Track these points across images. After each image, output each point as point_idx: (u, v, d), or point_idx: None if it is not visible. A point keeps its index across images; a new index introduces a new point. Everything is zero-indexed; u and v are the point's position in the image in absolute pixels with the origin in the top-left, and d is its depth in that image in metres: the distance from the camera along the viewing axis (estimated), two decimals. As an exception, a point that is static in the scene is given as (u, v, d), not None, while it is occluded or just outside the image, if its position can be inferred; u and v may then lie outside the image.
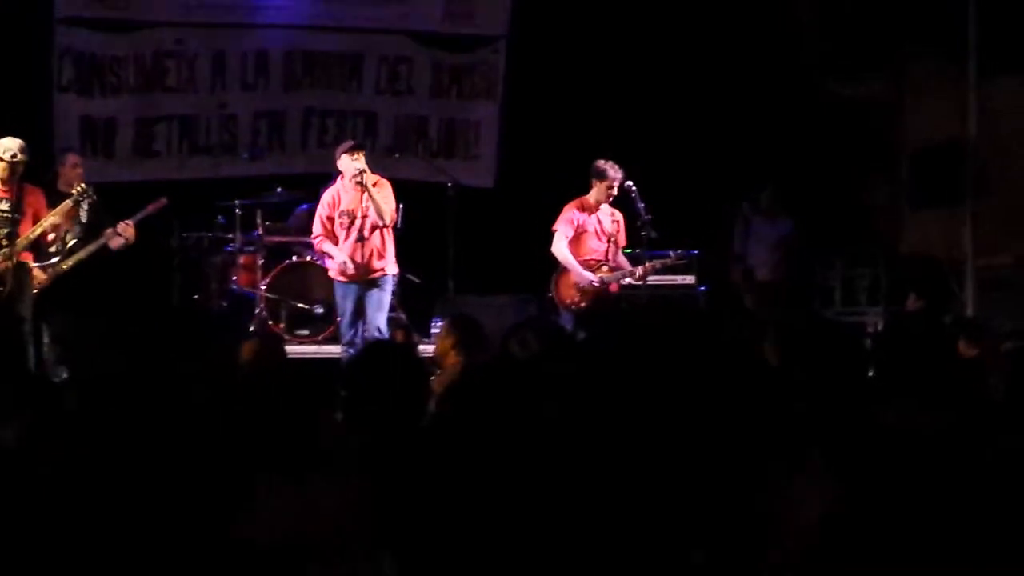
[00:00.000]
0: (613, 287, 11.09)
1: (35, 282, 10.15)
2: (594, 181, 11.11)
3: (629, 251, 11.31)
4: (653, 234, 10.95)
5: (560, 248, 11.04)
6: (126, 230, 10.58)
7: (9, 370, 6.27)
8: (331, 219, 10.56)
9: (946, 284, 12.83)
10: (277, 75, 13.54)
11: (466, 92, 14.16)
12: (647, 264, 11.05)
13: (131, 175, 12.82)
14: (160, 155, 13.18)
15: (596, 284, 10.95)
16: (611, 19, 13.61)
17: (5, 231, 9.89)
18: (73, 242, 10.43)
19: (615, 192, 11.04)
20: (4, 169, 9.85)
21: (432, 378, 6.17)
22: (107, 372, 6.03)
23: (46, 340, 10.22)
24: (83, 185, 10.33)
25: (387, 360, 4.76)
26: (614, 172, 11.02)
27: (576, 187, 11.25)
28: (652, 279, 11.31)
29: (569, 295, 11.04)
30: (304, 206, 12.35)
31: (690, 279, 12.23)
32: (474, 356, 6.95)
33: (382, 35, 13.85)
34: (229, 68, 13.32)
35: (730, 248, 13.23)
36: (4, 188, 9.92)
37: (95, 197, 10.46)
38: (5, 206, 9.93)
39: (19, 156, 9.84)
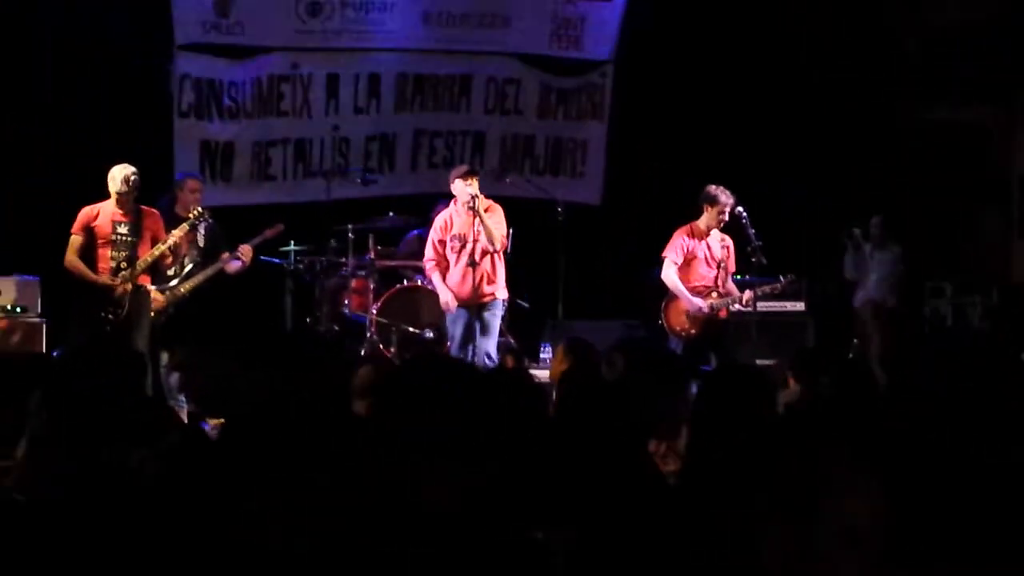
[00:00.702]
0: (723, 313, 11.08)
1: (153, 305, 10.35)
2: (705, 206, 11.08)
3: (739, 277, 11.29)
4: (763, 260, 10.90)
5: (669, 275, 11.04)
6: (246, 253, 10.77)
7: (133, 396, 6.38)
8: (443, 243, 10.67)
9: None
10: (388, 97, 13.66)
11: (573, 113, 14.25)
12: (755, 290, 11.02)
13: (248, 199, 12.97)
14: (275, 179, 13.33)
15: (705, 311, 10.95)
16: (723, 46, 13.63)
17: (124, 254, 10.08)
18: (191, 266, 10.63)
19: (726, 218, 11.01)
20: (121, 195, 10.07)
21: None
22: (238, 401, 6.18)
23: (164, 365, 10.41)
24: (199, 209, 10.53)
25: (507, 387, 4.81)
26: (726, 198, 11.00)
27: (685, 210, 11.25)
28: (761, 305, 11.29)
29: (679, 322, 11.03)
30: (415, 232, 12.50)
31: (800, 305, 12.23)
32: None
33: (491, 57, 13.94)
34: (342, 91, 13.45)
35: (840, 275, 13.24)
36: (122, 212, 10.12)
37: (212, 221, 10.67)
38: (124, 229, 10.13)
39: (133, 181, 10.05)
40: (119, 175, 10.05)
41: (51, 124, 12.22)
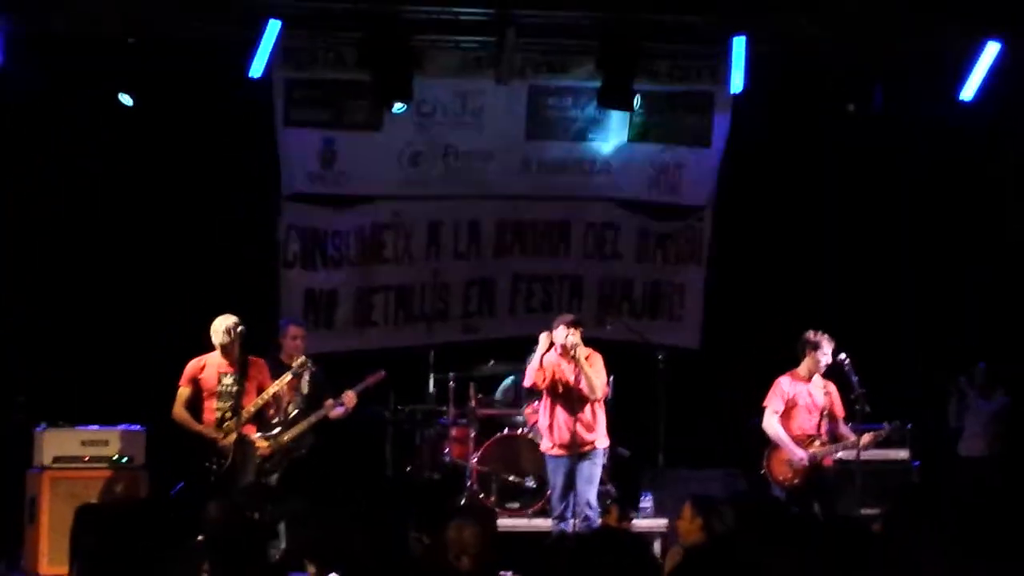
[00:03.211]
0: (827, 461, 10.95)
1: (257, 453, 10.44)
2: (806, 352, 11.04)
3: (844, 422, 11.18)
4: (867, 408, 10.78)
5: (771, 424, 10.96)
6: (349, 400, 10.87)
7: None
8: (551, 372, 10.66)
9: None
10: (488, 243, 13.74)
11: (671, 257, 14.16)
12: (867, 435, 10.87)
13: (349, 345, 13.10)
14: (377, 324, 13.45)
15: (806, 462, 10.84)
16: (823, 191, 13.63)
17: (229, 404, 10.24)
18: (295, 413, 10.72)
19: (827, 363, 10.95)
20: (227, 345, 10.24)
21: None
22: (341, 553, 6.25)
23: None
24: (303, 358, 10.67)
25: (619, 552, 4.76)
26: (826, 343, 10.95)
27: (786, 355, 11.18)
28: (865, 453, 11.13)
29: (781, 471, 10.92)
30: (510, 378, 12.56)
31: (904, 453, 12.08)
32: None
33: (589, 203, 13.96)
34: (443, 238, 13.58)
35: (946, 422, 13.08)
36: (228, 363, 10.30)
37: (315, 369, 10.78)
38: (229, 380, 10.30)
39: (234, 333, 10.24)
40: (221, 327, 10.27)
41: (157, 277, 12.48)
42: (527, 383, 10.92)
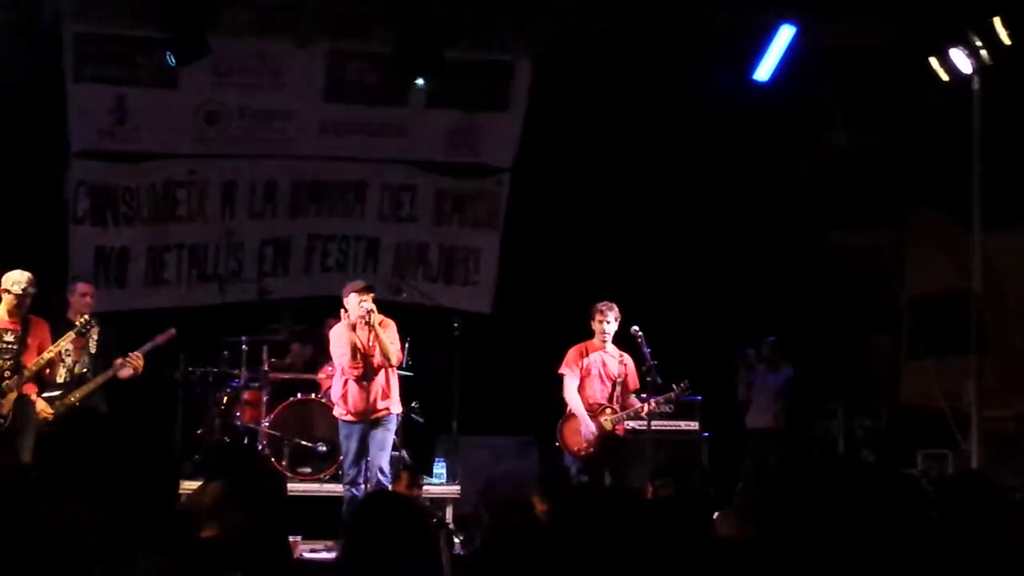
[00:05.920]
0: (619, 430, 11.04)
1: (41, 415, 10.12)
2: (594, 321, 11.10)
3: (634, 394, 11.28)
4: (658, 379, 10.89)
5: (571, 393, 10.98)
6: (135, 361, 10.56)
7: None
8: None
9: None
10: (284, 203, 13.63)
11: (468, 220, 14.20)
12: (652, 401, 10.97)
13: (142, 303, 12.90)
14: (169, 283, 13.26)
15: (591, 437, 10.91)
16: (619, 160, 13.73)
17: (9, 363, 9.89)
18: (83, 372, 10.44)
19: (612, 333, 10.99)
20: (11, 302, 9.90)
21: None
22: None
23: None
24: (87, 316, 10.33)
25: (389, 514, 4.64)
26: (607, 309, 10.96)
27: (580, 324, 11.24)
28: (656, 424, 11.30)
29: (575, 442, 10.97)
30: (305, 343, 12.45)
31: (694, 425, 12.27)
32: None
33: (387, 164, 13.90)
34: (239, 197, 13.42)
35: (734, 395, 13.34)
36: (11, 320, 9.94)
37: (100, 327, 10.47)
38: (10, 338, 9.95)
39: (28, 289, 9.90)
40: (22, 278, 9.89)
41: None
42: (346, 372, 10.66)
